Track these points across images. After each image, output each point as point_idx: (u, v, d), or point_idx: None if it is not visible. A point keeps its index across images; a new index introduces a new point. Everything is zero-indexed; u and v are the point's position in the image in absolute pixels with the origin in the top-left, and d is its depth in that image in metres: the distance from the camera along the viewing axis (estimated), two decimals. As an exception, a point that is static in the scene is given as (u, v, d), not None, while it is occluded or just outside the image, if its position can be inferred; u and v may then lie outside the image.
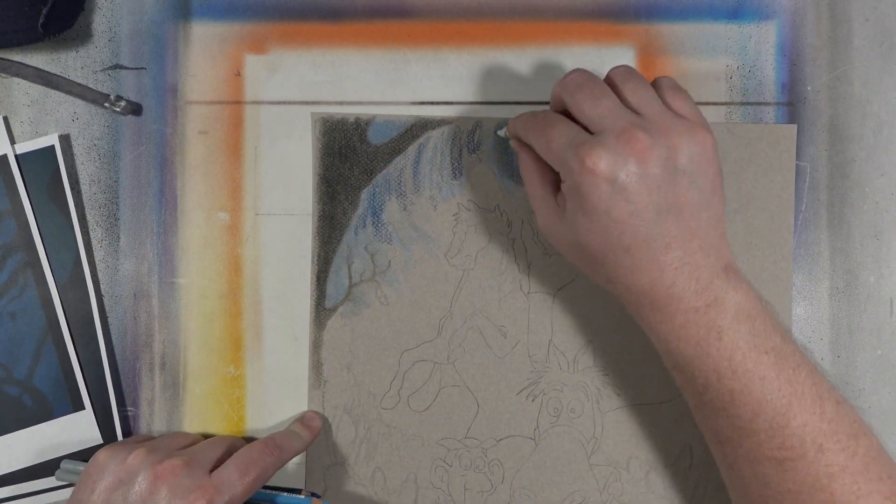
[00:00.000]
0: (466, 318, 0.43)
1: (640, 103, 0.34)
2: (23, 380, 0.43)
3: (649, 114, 0.34)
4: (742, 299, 0.33)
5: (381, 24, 0.44)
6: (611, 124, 0.33)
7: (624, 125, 0.32)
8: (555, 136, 0.34)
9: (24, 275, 0.43)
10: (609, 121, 0.33)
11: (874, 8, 0.43)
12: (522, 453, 0.43)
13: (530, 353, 0.43)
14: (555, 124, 0.35)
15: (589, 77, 0.35)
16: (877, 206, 0.43)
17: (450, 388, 0.43)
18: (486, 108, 0.44)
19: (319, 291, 0.44)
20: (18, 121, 0.44)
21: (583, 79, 0.35)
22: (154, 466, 0.36)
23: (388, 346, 0.43)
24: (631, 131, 0.32)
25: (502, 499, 0.43)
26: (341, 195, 0.44)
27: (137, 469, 0.36)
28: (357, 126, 0.43)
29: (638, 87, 0.35)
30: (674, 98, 0.35)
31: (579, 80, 0.35)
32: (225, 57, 0.44)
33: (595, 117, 0.33)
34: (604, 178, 0.32)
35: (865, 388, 0.43)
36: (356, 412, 0.43)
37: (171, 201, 0.44)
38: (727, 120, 0.43)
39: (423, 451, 0.43)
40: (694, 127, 0.33)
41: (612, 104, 0.34)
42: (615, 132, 0.32)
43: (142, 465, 0.36)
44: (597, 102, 0.34)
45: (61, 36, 0.43)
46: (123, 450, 0.37)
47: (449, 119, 0.43)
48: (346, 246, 0.44)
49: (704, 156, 0.33)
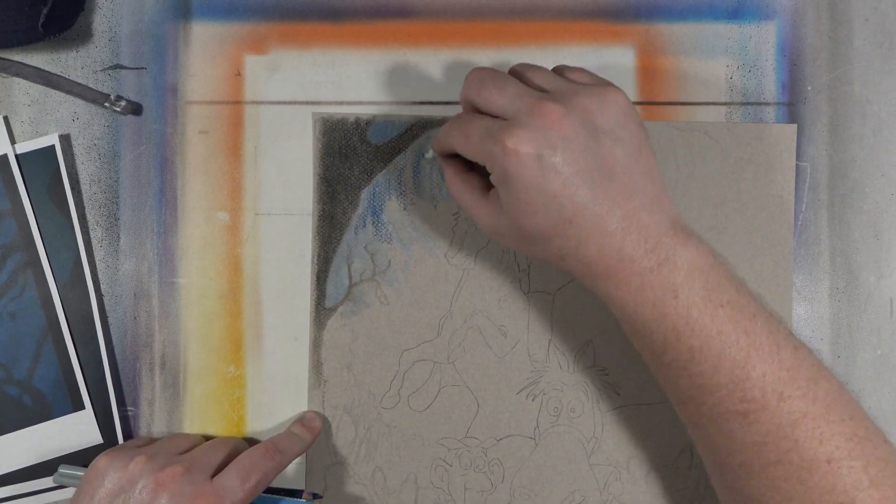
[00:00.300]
0: (466, 317, 0.43)
1: (544, 82, 0.35)
2: (23, 380, 0.43)
3: (555, 87, 0.34)
4: (693, 255, 0.33)
5: (381, 24, 0.44)
6: (521, 104, 0.33)
7: (534, 101, 0.33)
8: (472, 131, 0.34)
9: (24, 275, 0.43)
10: (519, 102, 0.33)
11: (874, 8, 0.43)
12: (522, 453, 0.43)
13: (530, 353, 0.43)
14: (470, 121, 0.35)
15: (489, 70, 0.35)
16: (877, 206, 0.43)
17: (450, 388, 0.43)
18: (486, 107, 0.44)
19: (319, 291, 0.44)
20: (19, 120, 0.44)
21: (484, 73, 0.35)
22: (155, 474, 0.36)
23: (389, 346, 0.43)
24: (542, 104, 0.32)
25: (502, 498, 0.43)
26: (341, 195, 0.44)
27: (138, 476, 0.36)
28: (357, 126, 0.43)
29: (539, 71, 0.36)
30: (573, 73, 0.36)
31: (481, 75, 0.35)
32: (225, 57, 0.44)
33: (505, 103, 0.34)
34: (528, 155, 0.32)
35: (865, 388, 0.43)
36: (356, 412, 0.43)
37: (171, 201, 0.44)
38: (727, 120, 0.43)
39: (423, 451, 0.43)
40: (602, 87, 0.34)
41: (517, 88, 0.34)
42: (527, 110, 0.33)
43: (142, 472, 0.36)
44: (503, 90, 0.34)
45: (61, 36, 0.43)
46: (124, 456, 0.37)
47: (449, 118, 0.43)
48: (346, 246, 0.44)
49: (620, 111, 0.33)
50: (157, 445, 0.40)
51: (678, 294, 0.32)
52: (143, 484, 0.36)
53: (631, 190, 0.33)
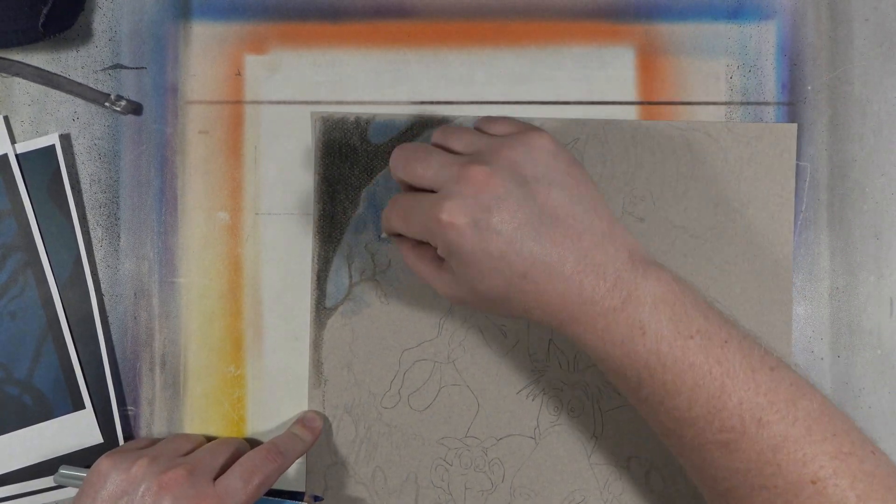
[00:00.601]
0: (466, 317, 0.43)
1: (466, 145, 0.35)
2: (23, 379, 0.43)
3: (477, 147, 0.34)
4: (656, 286, 0.32)
5: (381, 24, 0.44)
6: (447, 174, 0.33)
7: (458, 168, 0.33)
8: (407, 211, 0.34)
9: (25, 274, 0.43)
10: (444, 171, 0.33)
11: (874, 8, 0.43)
12: (523, 452, 0.43)
13: (530, 353, 0.43)
14: (403, 201, 0.35)
15: (412, 145, 0.35)
16: (877, 206, 0.43)
17: (450, 388, 0.43)
18: (485, 108, 0.44)
19: (320, 291, 0.44)
20: (19, 120, 0.44)
21: (407, 150, 0.35)
22: (158, 477, 0.36)
23: (389, 346, 0.43)
24: (467, 169, 0.32)
25: (503, 498, 0.43)
26: (342, 194, 0.44)
27: (141, 479, 0.36)
28: (357, 125, 0.44)
29: (459, 134, 0.36)
30: (493, 125, 0.36)
31: (404, 152, 0.35)
32: (225, 57, 0.44)
33: (431, 176, 0.34)
34: (464, 224, 0.32)
35: (865, 388, 0.43)
36: (356, 411, 0.43)
37: (171, 201, 0.44)
38: (727, 119, 0.43)
39: (423, 451, 0.43)
40: (524, 135, 0.34)
41: (440, 157, 0.34)
42: (454, 179, 0.32)
43: (145, 475, 0.36)
44: (427, 163, 0.34)
45: (61, 35, 0.43)
46: (126, 458, 0.37)
47: (449, 118, 0.43)
48: (346, 245, 0.44)
49: (548, 154, 0.33)
50: (160, 447, 0.40)
51: (646, 330, 0.32)
52: (145, 487, 0.36)
53: (578, 230, 0.32)
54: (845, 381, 0.43)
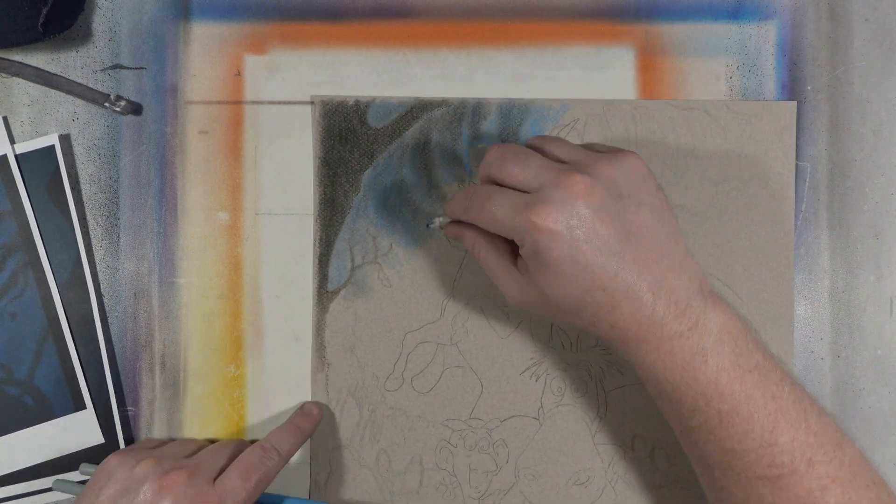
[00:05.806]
0: (469, 298, 0.43)
1: (563, 154, 0.35)
2: (23, 380, 0.43)
3: (575, 157, 0.35)
4: (722, 319, 0.33)
5: (381, 24, 0.44)
6: (546, 178, 0.33)
7: (558, 174, 0.33)
8: (495, 206, 0.34)
9: (25, 275, 0.43)
10: (543, 175, 0.33)
11: (874, 8, 0.43)
12: (527, 433, 0.43)
13: (533, 334, 0.43)
14: (491, 195, 0.35)
15: (511, 146, 0.35)
16: (877, 206, 0.43)
17: (453, 369, 0.43)
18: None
19: (322, 274, 0.44)
20: (18, 121, 0.44)
21: (506, 149, 0.35)
22: (160, 477, 0.36)
23: (391, 328, 0.43)
24: (567, 176, 0.32)
25: (507, 479, 0.43)
26: (342, 178, 0.44)
27: (144, 478, 0.37)
28: (357, 109, 0.43)
29: (557, 143, 0.36)
30: (590, 144, 0.37)
31: (500, 151, 0.35)
32: (225, 57, 0.44)
33: (528, 177, 0.34)
34: (558, 230, 0.32)
35: (865, 388, 0.43)
36: (360, 394, 0.43)
37: (171, 201, 0.44)
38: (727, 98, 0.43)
39: (427, 433, 0.43)
40: (620, 154, 0.34)
41: (540, 161, 0.34)
42: (553, 183, 0.33)
43: (148, 474, 0.37)
44: (526, 164, 0.34)
45: (61, 36, 0.43)
46: (133, 457, 0.38)
47: (449, 100, 0.43)
48: (347, 229, 0.44)
49: (640, 175, 0.34)
50: (166, 449, 0.41)
51: (708, 358, 0.32)
52: (147, 486, 0.36)
53: (658, 253, 0.33)
54: (845, 381, 0.43)
